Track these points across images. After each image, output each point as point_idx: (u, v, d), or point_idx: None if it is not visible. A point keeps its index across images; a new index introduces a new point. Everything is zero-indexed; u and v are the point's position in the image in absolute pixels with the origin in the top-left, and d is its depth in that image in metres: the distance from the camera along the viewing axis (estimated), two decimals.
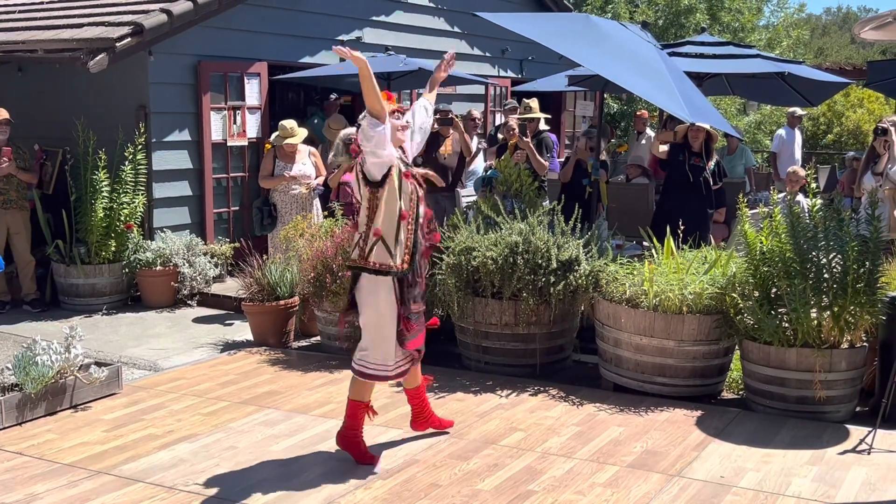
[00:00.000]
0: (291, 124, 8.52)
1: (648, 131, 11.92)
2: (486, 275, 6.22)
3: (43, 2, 10.43)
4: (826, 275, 5.36)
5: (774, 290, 5.55)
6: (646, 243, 6.66)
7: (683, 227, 6.27)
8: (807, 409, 5.40)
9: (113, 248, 8.62)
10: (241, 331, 7.77)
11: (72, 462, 4.85)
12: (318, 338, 7.35)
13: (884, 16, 5.80)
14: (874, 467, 4.72)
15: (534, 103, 9.27)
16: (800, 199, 8.40)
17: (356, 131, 4.57)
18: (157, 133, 8.86)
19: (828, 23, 64.42)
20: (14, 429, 5.36)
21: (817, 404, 5.38)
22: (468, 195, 9.97)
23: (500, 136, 9.58)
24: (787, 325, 5.40)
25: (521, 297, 6.17)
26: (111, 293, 8.68)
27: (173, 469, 4.74)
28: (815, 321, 5.32)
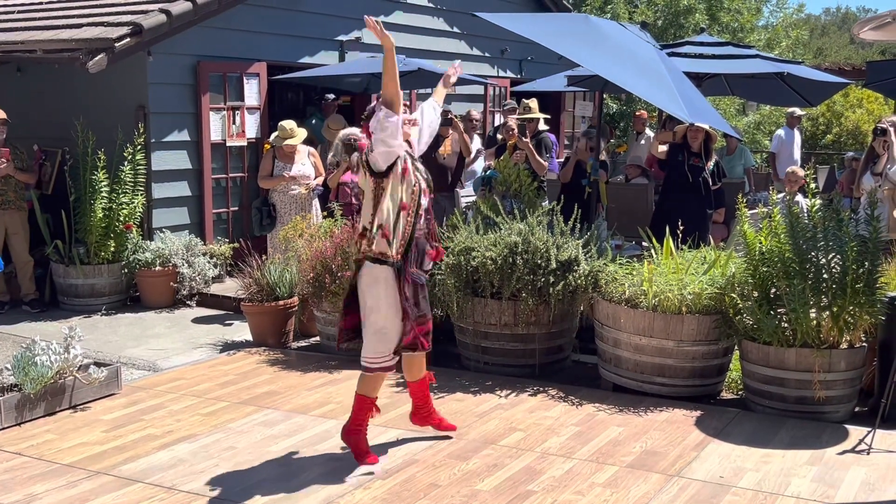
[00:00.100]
0: (291, 125, 8.52)
1: (648, 131, 11.92)
2: (486, 275, 6.22)
3: (42, 2, 10.42)
4: (825, 275, 5.36)
5: (774, 290, 5.55)
6: (645, 243, 6.67)
7: (682, 228, 6.27)
8: (806, 409, 5.40)
9: (112, 249, 8.61)
10: (241, 331, 7.76)
11: (71, 462, 4.84)
12: (317, 338, 7.35)
13: (883, 16, 5.81)
14: (873, 467, 4.72)
15: (533, 104, 9.27)
16: (799, 200, 8.40)
17: (370, 119, 4.56)
18: (156, 133, 8.86)
19: (827, 23, 64.44)
20: (13, 429, 5.35)
21: (816, 404, 5.38)
22: (467, 195, 9.98)
23: (499, 136, 9.59)
24: (786, 325, 5.40)
25: (520, 297, 6.17)
26: (110, 293, 8.67)
27: (172, 469, 4.74)
28: (815, 321, 5.32)
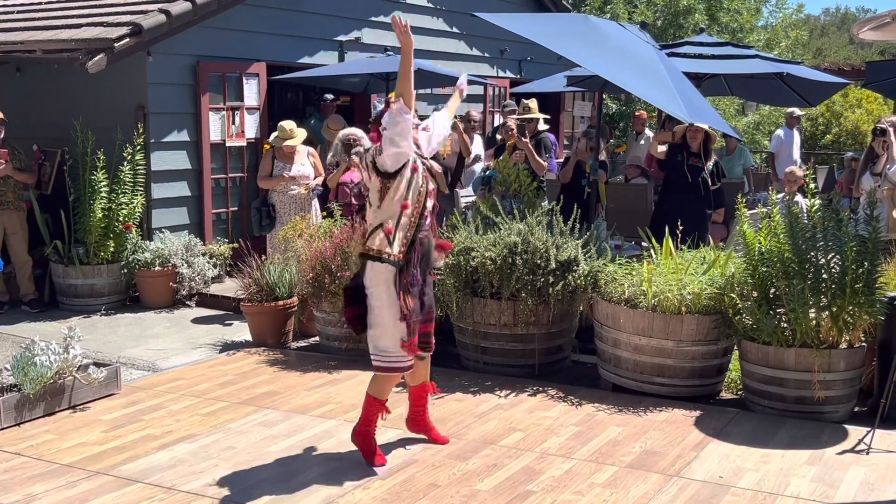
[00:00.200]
0: (291, 125, 8.52)
1: (647, 132, 11.92)
2: (485, 275, 6.22)
3: (41, 2, 10.42)
4: (825, 275, 5.36)
5: (773, 290, 5.55)
6: (644, 244, 6.67)
7: (682, 228, 6.27)
8: (805, 409, 5.41)
9: (111, 249, 8.61)
10: (240, 331, 7.76)
11: (70, 462, 4.84)
12: (316, 338, 7.35)
13: (882, 16, 5.81)
14: (873, 467, 4.72)
15: (532, 104, 9.28)
16: (798, 200, 8.40)
17: (378, 122, 4.55)
18: (155, 133, 8.86)
19: (826, 23, 64.48)
20: (13, 429, 5.35)
21: (816, 404, 5.38)
22: (467, 195, 9.98)
23: (498, 136, 9.59)
24: (785, 325, 5.40)
25: (519, 297, 6.17)
26: (110, 293, 8.67)
27: (172, 469, 4.74)
28: (814, 321, 5.32)
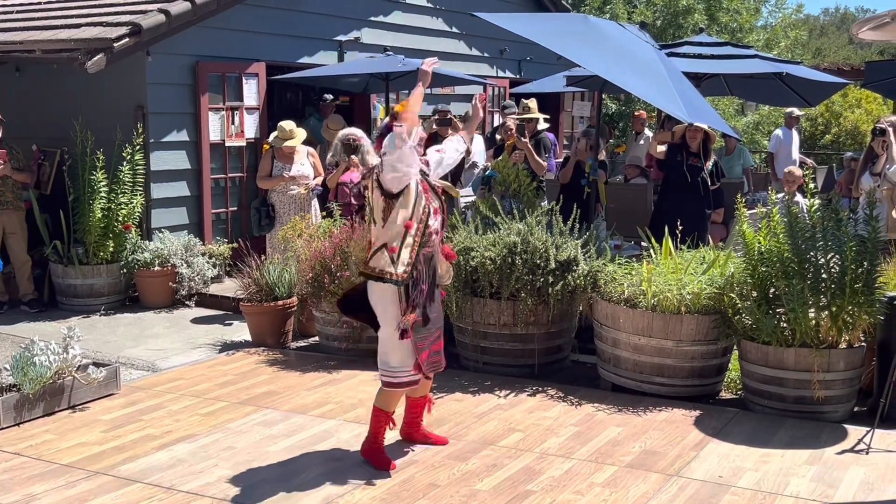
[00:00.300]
0: (290, 126, 8.51)
1: (647, 132, 11.92)
2: (485, 275, 6.22)
3: (41, 2, 10.41)
4: (824, 275, 5.36)
5: (773, 290, 5.55)
6: (644, 243, 6.66)
7: (681, 228, 6.27)
8: (805, 408, 5.41)
9: (111, 249, 8.61)
10: (240, 331, 7.76)
11: (70, 462, 4.84)
12: (316, 338, 7.35)
13: (882, 16, 5.80)
14: (872, 467, 4.72)
15: (532, 104, 9.28)
16: (798, 200, 8.40)
17: (383, 136, 4.56)
18: (155, 133, 8.85)
19: (826, 23, 64.52)
20: (12, 429, 5.35)
21: (815, 404, 5.38)
22: (466, 195, 9.98)
23: (497, 136, 9.59)
24: (785, 325, 5.40)
25: (519, 297, 6.17)
26: (109, 293, 8.67)
27: (171, 469, 4.74)
28: (814, 321, 5.33)
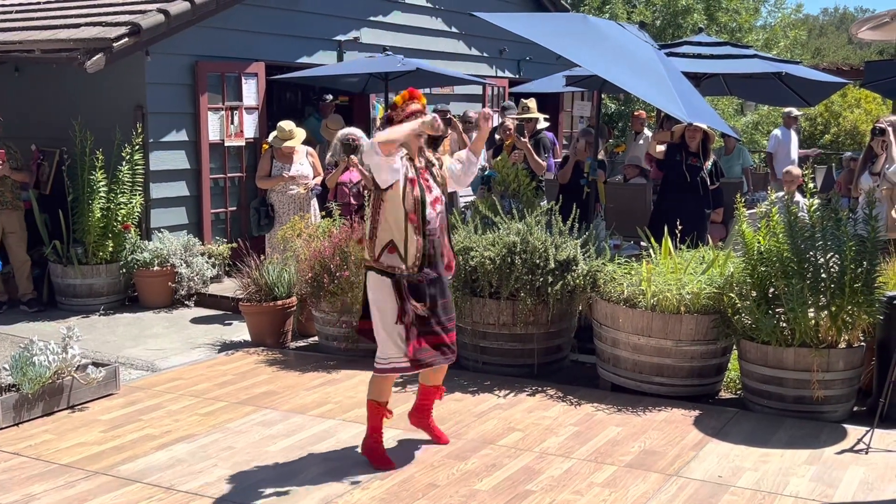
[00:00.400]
0: (290, 126, 8.51)
1: (646, 131, 11.92)
2: (484, 275, 6.22)
3: (40, 2, 10.41)
4: (823, 274, 5.36)
5: (772, 289, 5.55)
6: (643, 243, 6.67)
7: (681, 227, 6.26)
8: (804, 408, 5.41)
9: (110, 249, 8.60)
10: (239, 331, 7.76)
11: (69, 462, 4.84)
12: (315, 338, 7.35)
13: (881, 16, 5.80)
14: (872, 467, 4.72)
15: (531, 103, 9.28)
16: (798, 199, 8.40)
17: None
18: (154, 133, 8.85)
19: (825, 23, 64.55)
20: (11, 429, 5.35)
21: (815, 404, 5.38)
22: (466, 195, 9.98)
23: (497, 136, 9.59)
24: (784, 324, 5.40)
25: (518, 297, 6.17)
26: (108, 293, 8.67)
27: (171, 469, 4.73)
28: (813, 321, 5.33)
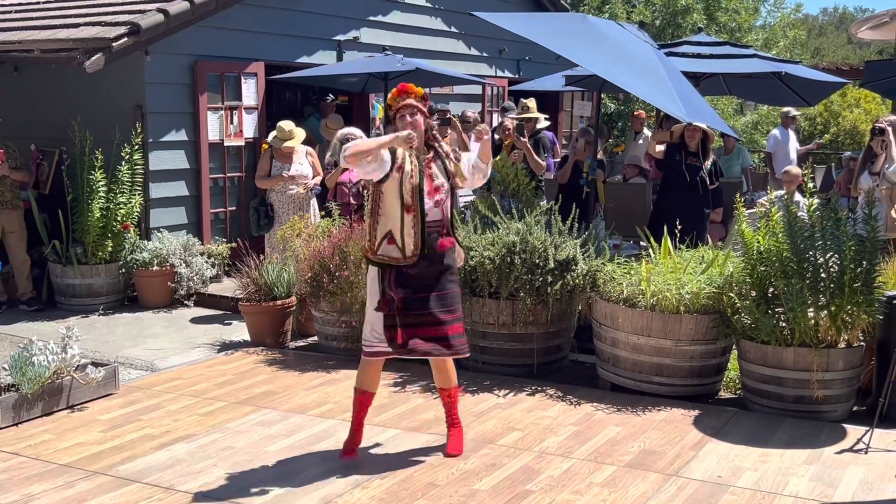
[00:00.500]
0: (290, 126, 8.51)
1: (645, 131, 11.92)
2: (484, 274, 6.22)
3: (39, 2, 10.40)
4: (823, 274, 5.36)
5: (771, 289, 5.55)
6: (643, 243, 6.66)
7: (680, 227, 6.26)
8: (804, 408, 5.41)
9: (109, 249, 8.60)
10: (239, 331, 7.75)
11: (68, 462, 4.83)
12: (315, 338, 7.34)
13: (880, 15, 5.82)
14: (871, 466, 4.72)
15: (531, 103, 9.28)
16: (798, 199, 8.40)
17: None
18: (153, 133, 8.85)
19: (824, 23, 64.59)
20: (10, 429, 5.34)
21: (815, 404, 5.38)
22: (465, 195, 9.97)
23: (496, 136, 9.59)
24: (784, 324, 5.40)
25: (518, 296, 6.17)
26: (108, 293, 8.66)
27: (170, 469, 4.73)
28: (813, 321, 5.32)
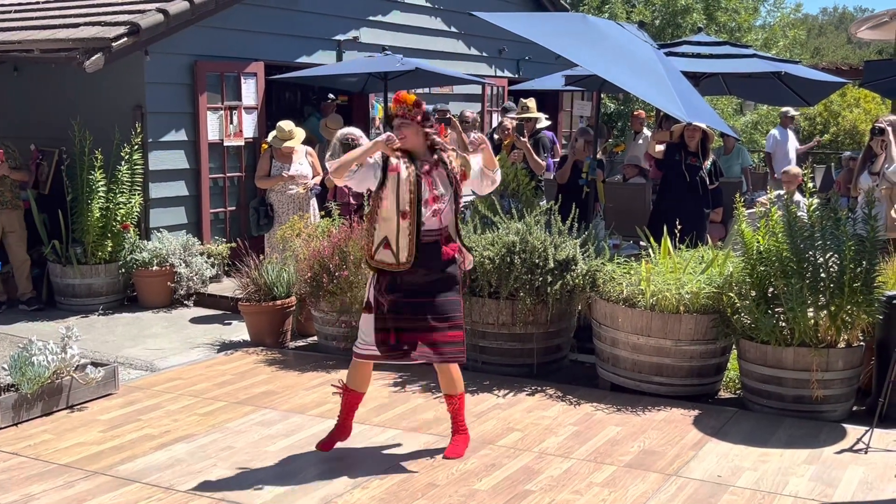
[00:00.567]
0: (289, 126, 8.51)
1: (645, 131, 11.91)
2: (483, 274, 6.22)
3: (39, 2, 10.40)
4: (823, 274, 5.36)
5: (771, 289, 5.55)
6: (643, 243, 6.67)
7: (680, 227, 6.26)
8: (804, 408, 5.41)
9: (109, 249, 8.60)
10: (238, 331, 7.75)
11: (68, 462, 4.83)
12: (314, 338, 7.34)
13: (880, 15, 5.82)
14: (871, 466, 4.72)
15: (531, 103, 9.27)
16: (798, 199, 8.39)
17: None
18: (153, 133, 8.84)
19: (824, 23, 64.59)
20: (10, 429, 5.34)
21: (814, 403, 5.38)
22: (465, 195, 9.96)
23: (495, 136, 9.59)
24: (783, 324, 5.40)
25: (518, 296, 6.17)
26: (107, 293, 8.66)
27: (170, 469, 4.73)
28: (812, 320, 5.32)
